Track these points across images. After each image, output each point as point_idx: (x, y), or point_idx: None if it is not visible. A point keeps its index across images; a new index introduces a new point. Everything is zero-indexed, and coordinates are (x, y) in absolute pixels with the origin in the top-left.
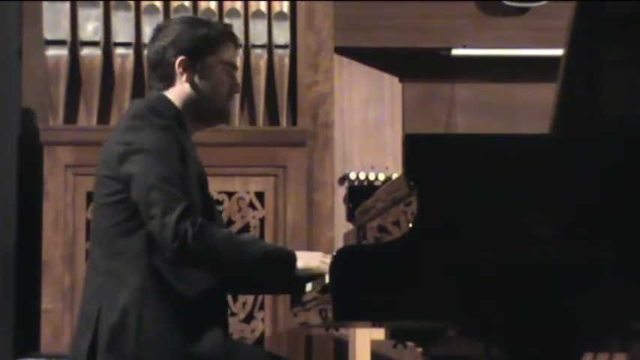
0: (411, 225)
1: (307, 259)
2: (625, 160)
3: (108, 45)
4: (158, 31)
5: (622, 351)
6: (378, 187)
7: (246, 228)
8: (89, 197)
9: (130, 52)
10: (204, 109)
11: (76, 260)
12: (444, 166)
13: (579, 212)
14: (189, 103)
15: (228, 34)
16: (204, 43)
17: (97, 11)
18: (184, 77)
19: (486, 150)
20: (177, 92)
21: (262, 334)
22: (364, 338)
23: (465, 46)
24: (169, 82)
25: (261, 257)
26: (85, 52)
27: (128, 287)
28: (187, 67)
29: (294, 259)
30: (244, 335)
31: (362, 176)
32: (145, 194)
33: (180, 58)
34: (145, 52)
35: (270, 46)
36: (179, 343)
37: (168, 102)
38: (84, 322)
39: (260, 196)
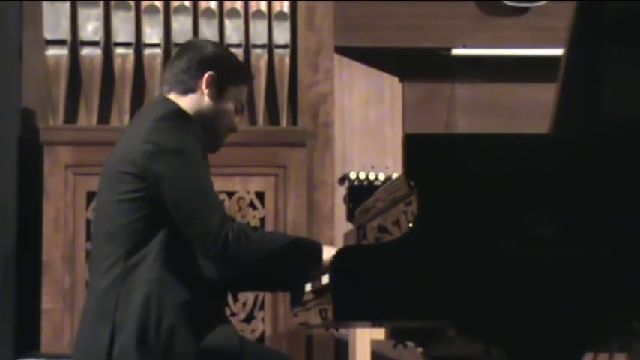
0: (411, 225)
1: (331, 252)
2: (625, 160)
3: (108, 45)
4: (190, 44)
5: (622, 351)
6: (378, 187)
7: None
8: (89, 197)
9: (130, 52)
10: (209, 127)
11: (76, 260)
12: (443, 166)
13: (579, 212)
14: (200, 115)
15: (250, 78)
16: (235, 72)
17: (97, 11)
18: (207, 91)
19: (486, 150)
20: (194, 101)
21: (262, 333)
22: (364, 338)
23: (465, 46)
24: (189, 89)
25: (290, 251)
26: (86, 52)
27: (147, 280)
28: (212, 84)
29: (320, 250)
30: (244, 335)
31: (362, 176)
32: (182, 200)
33: (211, 72)
34: (171, 55)
35: (270, 46)
36: (197, 333)
37: (184, 110)
38: (97, 318)
39: (260, 196)
